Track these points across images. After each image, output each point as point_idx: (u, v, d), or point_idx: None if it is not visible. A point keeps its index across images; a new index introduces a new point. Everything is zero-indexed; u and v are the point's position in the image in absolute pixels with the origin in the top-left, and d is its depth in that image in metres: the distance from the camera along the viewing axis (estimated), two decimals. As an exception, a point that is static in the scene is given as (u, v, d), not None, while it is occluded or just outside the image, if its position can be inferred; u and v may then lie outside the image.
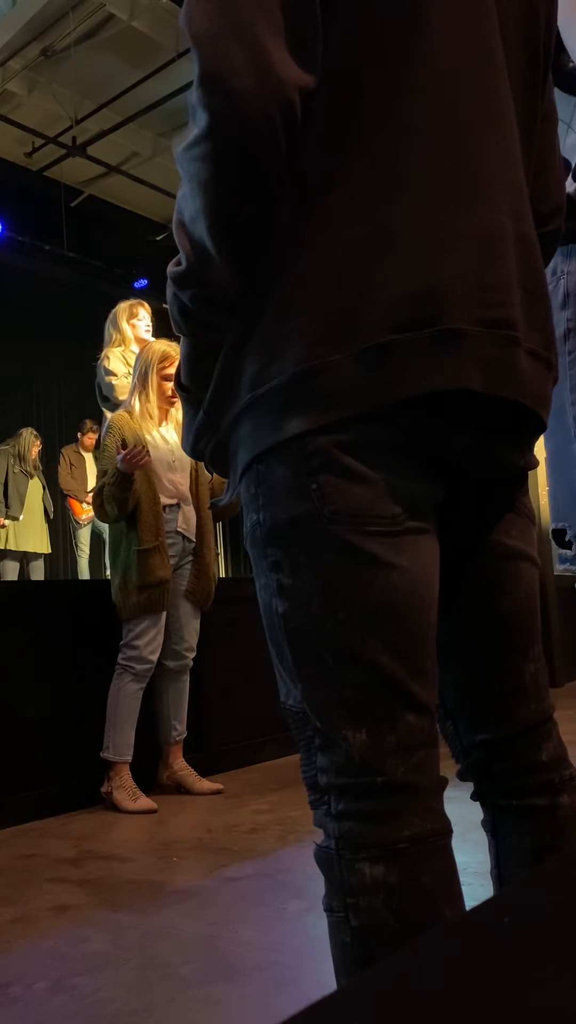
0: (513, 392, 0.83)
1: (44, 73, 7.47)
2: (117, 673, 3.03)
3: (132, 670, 3.01)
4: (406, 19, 0.81)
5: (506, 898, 0.55)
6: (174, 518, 3.16)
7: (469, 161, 0.82)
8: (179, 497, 3.19)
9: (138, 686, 3.02)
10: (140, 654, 3.01)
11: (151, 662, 3.04)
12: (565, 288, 1.34)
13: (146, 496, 3.05)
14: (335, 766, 0.81)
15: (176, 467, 3.19)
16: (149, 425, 3.17)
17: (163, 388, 3.19)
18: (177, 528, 3.17)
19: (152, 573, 3.01)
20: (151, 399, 3.19)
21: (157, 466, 3.12)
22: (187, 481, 3.23)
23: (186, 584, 3.19)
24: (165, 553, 3.07)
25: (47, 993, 1.51)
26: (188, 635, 3.19)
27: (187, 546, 3.21)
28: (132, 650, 3.02)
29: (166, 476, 3.15)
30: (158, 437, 3.18)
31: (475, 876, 1.18)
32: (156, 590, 3.02)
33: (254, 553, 0.87)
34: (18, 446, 6.90)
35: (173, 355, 3.17)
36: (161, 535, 3.06)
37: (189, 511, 3.21)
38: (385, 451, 0.81)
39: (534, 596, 0.95)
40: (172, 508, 3.16)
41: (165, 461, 3.16)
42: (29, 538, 6.89)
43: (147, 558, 3.01)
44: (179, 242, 0.86)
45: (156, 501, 3.08)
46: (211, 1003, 1.44)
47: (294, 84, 0.77)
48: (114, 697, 3.00)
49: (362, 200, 0.80)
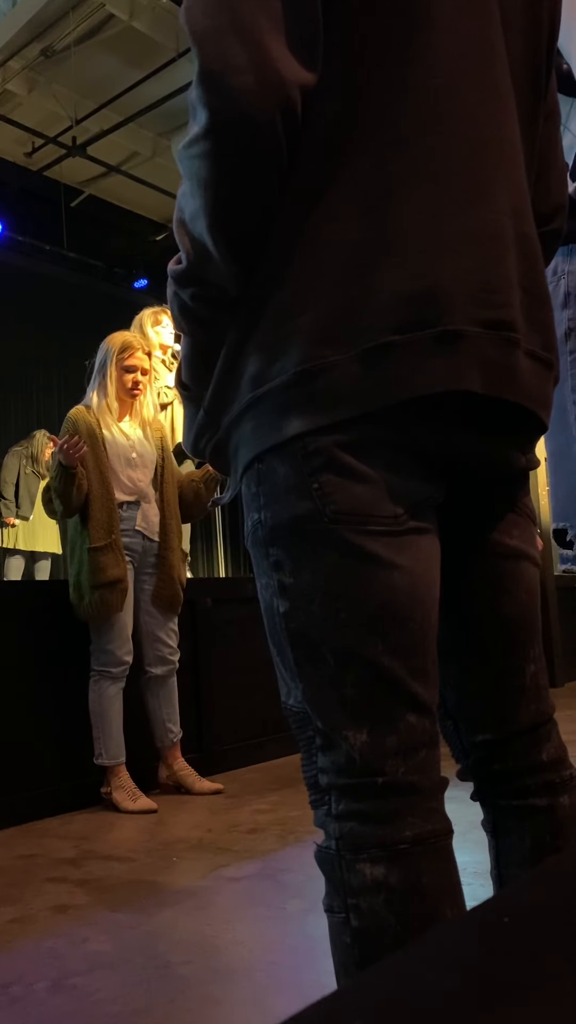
0: (512, 393, 0.83)
1: (44, 73, 7.46)
2: (93, 679, 2.95)
3: (109, 674, 2.93)
4: (408, 18, 0.81)
5: (506, 898, 0.55)
6: (132, 516, 3.05)
7: (470, 161, 0.81)
8: (138, 494, 3.08)
9: (117, 688, 2.95)
10: (113, 657, 2.94)
11: (126, 662, 2.96)
12: (566, 288, 1.34)
13: (98, 492, 2.95)
14: (336, 766, 0.81)
15: (136, 463, 3.09)
16: (108, 419, 3.07)
17: (123, 380, 3.08)
18: (136, 527, 3.06)
19: (104, 572, 2.89)
20: (109, 392, 3.09)
21: (114, 462, 3.02)
22: (148, 478, 3.12)
23: (152, 587, 3.10)
24: (119, 552, 2.95)
25: (47, 993, 1.51)
26: (167, 638, 3.11)
27: (148, 545, 3.10)
28: (104, 655, 2.94)
29: (124, 472, 3.05)
30: (117, 432, 3.07)
31: (475, 876, 1.18)
32: (109, 590, 2.90)
33: (255, 552, 0.87)
34: (32, 447, 7.01)
35: (134, 345, 3.09)
36: (115, 533, 2.95)
37: (150, 509, 3.11)
38: (386, 451, 0.81)
39: (535, 596, 0.95)
40: (130, 505, 3.06)
41: (124, 457, 3.05)
42: (38, 538, 6.95)
43: (99, 556, 2.90)
44: (179, 240, 0.86)
45: (110, 498, 2.97)
46: (211, 1003, 1.44)
47: (295, 82, 0.77)
48: (96, 704, 2.94)
49: (363, 199, 0.80)
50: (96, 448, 2.99)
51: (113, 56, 7.23)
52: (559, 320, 1.33)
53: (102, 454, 3.00)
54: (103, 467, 2.99)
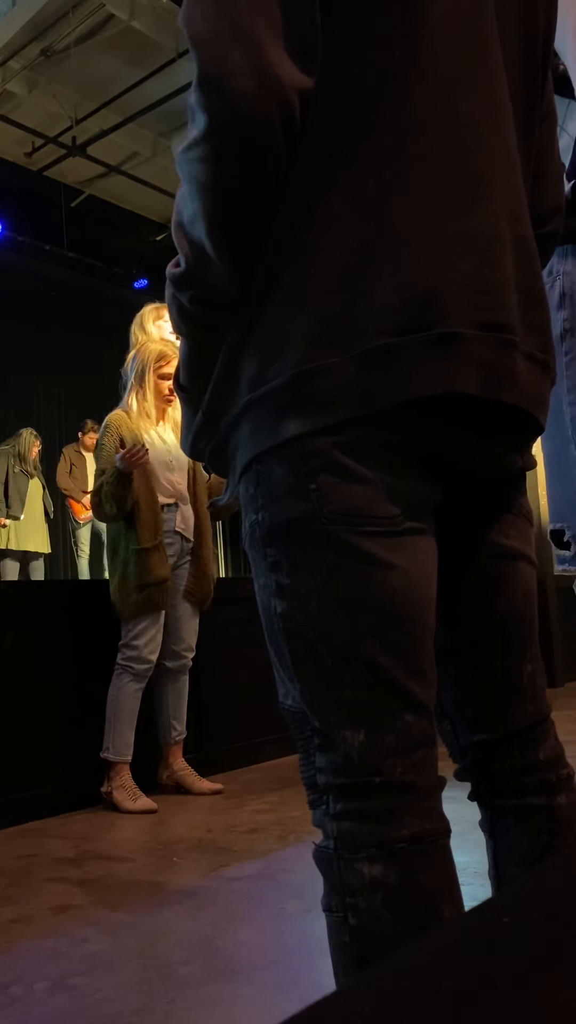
0: (509, 395, 0.83)
1: (44, 73, 7.46)
2: (116, 673, 3.03)
3: (132, 670, 3.01)
4: (406, 21, 0.81)
5: (505, 898, 0.55)
6: (172, 518, 3.16)
7: (468, 164, 0.82)
8: (177, 497, 3.19)
9: (137, 686, 3.02)
10: (139, 654, 3.02)
11: (150, 662, 3.04)
12: (561, 288, 1.34)
13: (144, 496, 3.05)
14: (334, 766, 0.81)
15: (174, 467, 3.19)
16: (146, 424, 3.18)
17: (160, 387, 3.19)
18: (175, 528, 3.17)
19: (151, 572, 3.01)
20: (148, 398, 3.19)
21: (155, 466, 3.12)
22: (185, 481, 3.23)
23: (185, 584, 3.19)
24: (164, 552, 3.07)
25: (47, 993, 1.51)
26: (187, 635, 3.20)
27: (185, 546, 3.21)
28: (131, 650, 3.02)
29: (164, 476, 3.16)
30: (155, 437, 3.18)
31: (475, 876, 1.18)
32: (155, 589, 3.02)
33: (253, 553, 0.87)
34: (18, 446, 6.95)
35: (170, 354, 3.17)
36: (160, 534, 3.07)
37: (187, 511, 3.22)
38: (384, 452, 0.81)
39: (532, 597, 0.95)
40: (170, 508, 3.16)
41: (163, 461, 3.16)
42: (29, 538, 6.93)
43: (146, 557, 3.02)
44: (178, 243, 0.86)
45: (154, 500, 3.08)
46: (211, 1003, 1.45)
47: (293, 86, 0.77)
48: (114, 697, 3.00)
49: (361, 203, 0.80)
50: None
51: (113, 56, 7.22)
52: (555, 321, 1.33)
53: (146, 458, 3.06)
54: (147, 471, 3.07)
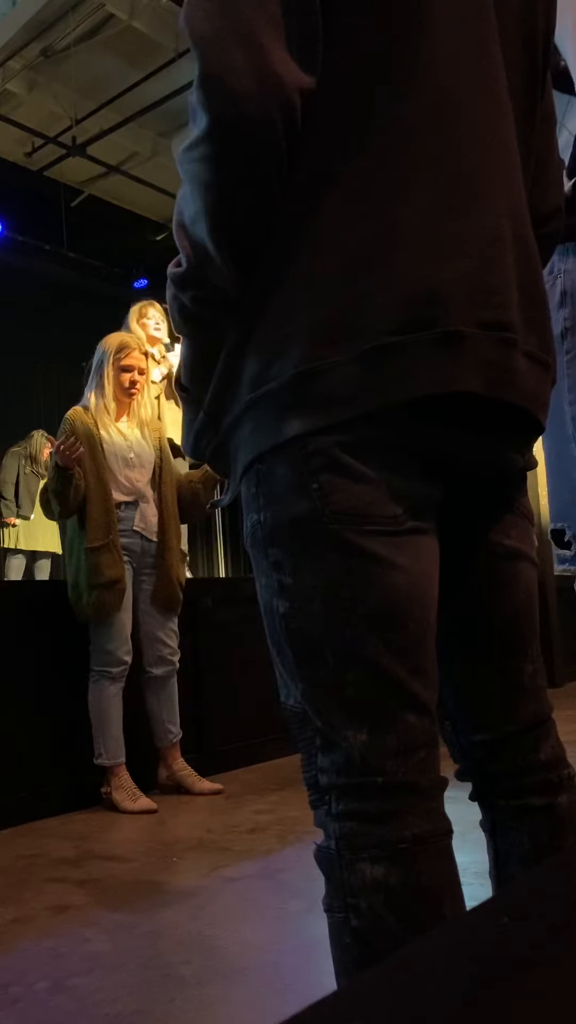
0: (510, 394, 0.83)
1: (44, 73, 7.46)
2: (93, 680, 2.95)
3: (108, 674, 2.94)
4: (407, 22, 0.81)
5: (506, 898, 0.55)
6: (130, 516, 3.06)
7: (469, 164, 0.82)
8: (136, 495, 3.08)
9: (117, 687, 2.95)
10: (112, 657, 2.94)
11: (125, 662, 2.96)
12: (562, 287, 1.33)
13: (96, 493, 2.95)
14: (336, 766, 0.81)
15: (134, 463, 3.09)
16: (105, 420, 3.07)
17: (121, 380, 3.08)
18: (134, 527, 3.06)
19: (101, 573, 2.90)
20: (107, 392, 3.09)
21: (112, 462, 3.02)
22: (146, 478, 3.12)
23: (151, 588, 3.10)
24: (116, 552, 2.95)
25: (47, 993, 1.51)
26: (167, 638, 3.11)
27: (147, 546, 3.10)
28: (104, 655, 2.94)
29: (122, 473, 3.05)
30: (115, 432, 3.07)
31: (475, 876, 1.18)
32: (106, 590, 2.91)
33: (255, 553, 0.87)
34: (30, 447, 7.06)
35: (131, 345, 3.09)
36: (112, 533, 2.95)
37: (148, 509, 3.10)
38: (386, 451, 0.81)
39: (533, 596, 0.95)
40: (128, 506, 3.06)
41: (122, 457, 3.05)
42: (38, 537, 6.98)
43: (96, 557, 2.90)
44: (179, 243, 0.86)
45: (107, 498, 2.97)
46: (211, 1003, 1.45)
47: (294, 85, 0.77)
48: (95, 704, 2.94)
49: (363, 202, 0.80)
50: (93, 449, 2.99)
51: (113, 56, 7.22)
52: (555, 319, 1.32)
53: (99, 455, 3.00)
54: (100, 468, 2.99)
